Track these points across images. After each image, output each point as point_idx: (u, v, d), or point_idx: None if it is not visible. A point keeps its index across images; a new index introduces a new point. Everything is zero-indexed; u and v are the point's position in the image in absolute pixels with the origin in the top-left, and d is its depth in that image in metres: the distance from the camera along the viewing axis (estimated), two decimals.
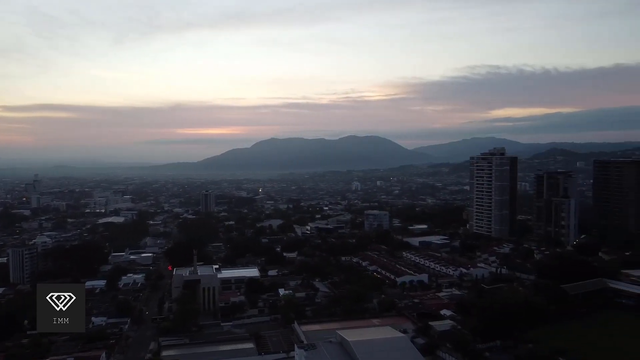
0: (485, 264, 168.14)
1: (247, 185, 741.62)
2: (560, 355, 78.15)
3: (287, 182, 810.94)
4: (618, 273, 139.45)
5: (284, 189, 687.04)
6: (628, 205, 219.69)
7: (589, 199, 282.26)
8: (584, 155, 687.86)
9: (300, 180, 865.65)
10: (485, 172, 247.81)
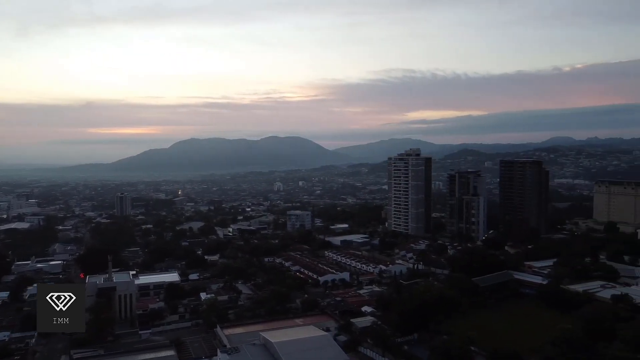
0: (403, 260, 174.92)
1: (166, 187, 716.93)
2: (471, 344, 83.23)
3: (208, 184, 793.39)
4: (521, 265, 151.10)
5: (205, 191, 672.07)
6: (530, 201, 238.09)
7: (496, 196, 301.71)
8: (491, 156, 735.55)
9: (222, 181, 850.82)
10: (402, 172, 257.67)
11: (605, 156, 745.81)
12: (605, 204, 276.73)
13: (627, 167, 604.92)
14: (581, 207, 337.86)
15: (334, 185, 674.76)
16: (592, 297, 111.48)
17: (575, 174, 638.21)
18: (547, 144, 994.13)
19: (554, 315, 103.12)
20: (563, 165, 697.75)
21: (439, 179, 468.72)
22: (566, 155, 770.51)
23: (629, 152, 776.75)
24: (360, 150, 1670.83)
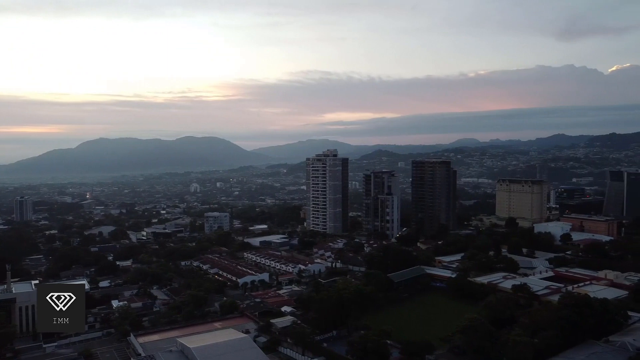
0: (322, 259, 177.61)
1: (73, 190, 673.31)
2: (387, 337, 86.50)
3: (119, 186, 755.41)
4: (432, 260, 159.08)
5: (116, 193, 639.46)
6: (439, 199, 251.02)
7: (409, 195, 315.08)
8: (404, 156, 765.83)
9: (134, 183, 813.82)
10: (320, 172, 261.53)
11: (506, 156, 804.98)
12: (506, 200, 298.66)
13: (524, 167, 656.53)
14: (485, 204, 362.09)
15: (253, 186, 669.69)
16: (495, 287, 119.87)
17: (479, 173, 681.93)
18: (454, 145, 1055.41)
19: (462, 305, 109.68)
20: (469, 165, 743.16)
21: (355, 179, 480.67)
22: (472, 156, 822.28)
23: (526, 153, 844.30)
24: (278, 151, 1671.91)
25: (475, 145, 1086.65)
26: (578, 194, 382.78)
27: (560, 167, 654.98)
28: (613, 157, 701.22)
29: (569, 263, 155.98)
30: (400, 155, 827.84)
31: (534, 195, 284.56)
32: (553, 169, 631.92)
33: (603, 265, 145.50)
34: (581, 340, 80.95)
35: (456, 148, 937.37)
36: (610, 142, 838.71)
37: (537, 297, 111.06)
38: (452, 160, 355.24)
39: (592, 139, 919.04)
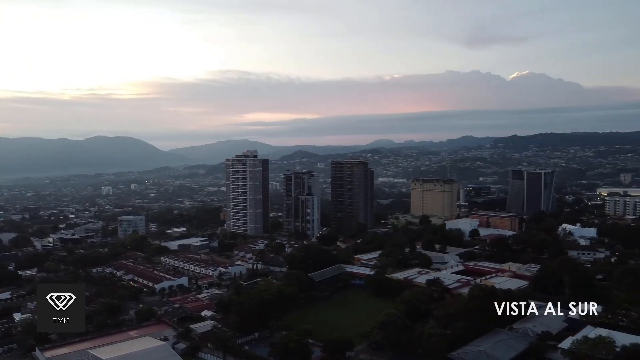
0: (243, 261, 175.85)
1: None
2: (308, 337, 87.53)
3: (21, 189, 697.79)
4: (352, 258, 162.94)
5: (18, 197, 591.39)
6: (357, 199, 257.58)
7: (328, 195, 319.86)
8: (324, 157, 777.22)
9: (39, 185, 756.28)
10: (240, 173, 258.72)
11: (419, 157, 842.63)
12: (419, 199, 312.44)
13: (436, 167, 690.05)
14: (401, 203, 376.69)
15: (170, 188, 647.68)
16: (411, 283, 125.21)
17: (395, 173, 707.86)
18: (371, 146, 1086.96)
19: (381, 301, 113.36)
20: (385, 166, 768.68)
21: (276, 180, 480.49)
22: (388, 157, 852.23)
23: (438, 154, 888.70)
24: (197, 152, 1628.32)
25: (391, 146, 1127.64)
26: (484, 192, 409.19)
27: (468, 167, 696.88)
28: (515, 157, 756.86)
29: (477, 257, 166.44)
30: (320, 156, 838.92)
31: (445, 194, 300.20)
32: (462, 168, 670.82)
33: (507, 258, 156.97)
34: (489, 329, 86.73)
35: (373, 149, 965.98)
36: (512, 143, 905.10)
37: (449, 290, 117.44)
38: (370, 161, 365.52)
39: (496, 140, 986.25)
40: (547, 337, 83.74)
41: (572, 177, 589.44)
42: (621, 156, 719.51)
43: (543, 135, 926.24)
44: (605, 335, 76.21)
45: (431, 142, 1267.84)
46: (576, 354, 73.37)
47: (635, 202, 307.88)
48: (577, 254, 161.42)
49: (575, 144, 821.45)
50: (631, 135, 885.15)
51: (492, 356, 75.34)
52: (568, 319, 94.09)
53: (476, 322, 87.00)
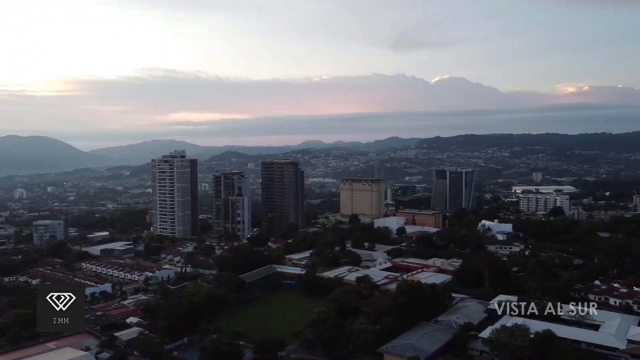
0: (171, 264, 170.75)
1: None
2: (240, 339, 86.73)
3: None
4: (283, 258, 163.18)
5: None
6: (288, 199, 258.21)
7: (259, 195, 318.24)
8: (254, 157, 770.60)
9: None
10: (167, 174, 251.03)
11: (349, 157, 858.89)
12: (349, 198, 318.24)
13: (364, 167, 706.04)
14: (331, 203, 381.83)
15: (91, 190, 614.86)
16: (341, 280, 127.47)
17: (325, 174, 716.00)
18: (302, 147, 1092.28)
19: (312, 300, 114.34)
20: (315, 166, 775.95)
21: (205, 181, 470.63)
22: (318, 157, 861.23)
23: (366, 154, 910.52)
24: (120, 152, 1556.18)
25: (321, 147, 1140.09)
26: (410, 191, 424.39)
27: (395, 167, 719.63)
28: (438, 157, 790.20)
29: (403, 254, 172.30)
30: (250, 157, 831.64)
31: (373, 193, 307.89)
32: (389, 168, 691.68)
33: (431, 254, 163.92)
34: (415, 323, 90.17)
35: (303, 149, 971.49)
36: (435, 144, 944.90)
37: (377, 286, 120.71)
38: (300, 161, 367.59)
39: (421, 141, 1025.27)
40: (469, 328, 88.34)
41: (490, 176, 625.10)
42: (533, 156, 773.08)
43: (464, 137, 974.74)
44: (521, 323, 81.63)
45: (359, 143, 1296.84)
46: (495, 342, 77.99)
47: (546, 199, 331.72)
48: (495, 249, 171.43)
49: (492, 144, 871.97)
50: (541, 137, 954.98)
51: (418, 349, 78.35)
52: (488, 310, 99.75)
53: (403, 316, 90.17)
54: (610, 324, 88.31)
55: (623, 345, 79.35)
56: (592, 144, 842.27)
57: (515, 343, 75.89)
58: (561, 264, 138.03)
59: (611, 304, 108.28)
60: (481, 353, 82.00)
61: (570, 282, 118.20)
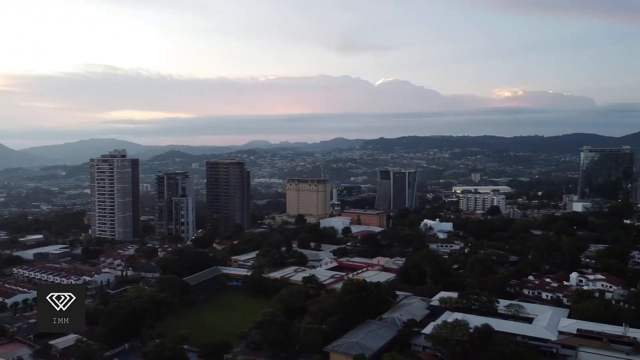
0: (111, 268, 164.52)
1: None
2: (184, 343, 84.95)
3: None
4: (228, 259, 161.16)
5: None
6: (234, 200, 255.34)
7: (204, 196, 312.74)
8: (198, 157, 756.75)
9: None
10: (107, 174, 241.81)
11: (295, 158, 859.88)
12: (295, 199, 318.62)
13: (310, 167, 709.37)
14: (277, 203, 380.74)
15: (24, 191, 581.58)
16: (287, 281, 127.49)
17: (271, 174, 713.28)
18: (247, 147, 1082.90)
19: (259, 301, 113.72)
20: (261, 166, 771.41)
21: (147, 181, 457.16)
22: (264, 157, 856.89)
23: (312, 155, 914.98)
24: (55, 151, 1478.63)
25: (267, 147, 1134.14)
26: (355, 191, 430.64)
27: (340, 167, 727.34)
28: (382, 158, 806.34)
29: (349, 253, 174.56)
30: (195, 156, 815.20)
31: (319, 194, 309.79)
32: (335, 169, 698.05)
33: (376, 253, 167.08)
34: (361, 321, 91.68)
35: (249, 149, 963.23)
36: (380, 145, 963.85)
37: (324, 286, 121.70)
38: (246, 162, 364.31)
39: (365, 142, 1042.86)
40: (413, 325, 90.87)
41: (431, 176, 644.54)
42: (472, 157, 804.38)
43: (407, 138, 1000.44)
44: (461, 318, 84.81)
45: (305, 144, 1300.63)
46: (437, 337, 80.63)
47: (484, 199, 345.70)
48: (436, 247, 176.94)
49: (434, 146, 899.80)
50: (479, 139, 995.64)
51: (364, 346, 79.73)
52: (430, 306, 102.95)
53: (349, 315, 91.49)
54: (542, 317, 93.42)
55: (554, 336, 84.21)
56: (525, 146, 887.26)
57: (456, 338, 78.81)
58: (498, 261, 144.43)
59: (543, 298, 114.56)
60: (424, 349, 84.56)
61: (506, 277, 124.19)
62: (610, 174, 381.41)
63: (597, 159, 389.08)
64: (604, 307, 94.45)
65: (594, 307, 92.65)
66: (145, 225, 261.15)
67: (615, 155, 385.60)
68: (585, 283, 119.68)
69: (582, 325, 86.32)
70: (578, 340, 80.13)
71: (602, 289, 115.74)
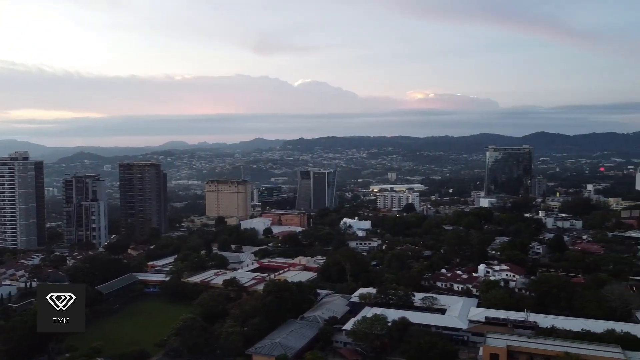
0: (13, 280, 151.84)
1: None
2: (97, 355, 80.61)
3: None
4: (145, 265, 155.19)
5: None
6: (150, 203, 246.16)
7: (117, 200, 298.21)
8: (110, 159, 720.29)
9: None
10: (6, 178, 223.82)
11: (214, 159, 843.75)
12: (215, 201, 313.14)
13: (230, 168, 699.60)
14: (196, 205, 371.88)
15: None
16: (208, 285, 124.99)
17: (189, 176, 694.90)
18: (164, 148, 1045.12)
19: (178, 307, 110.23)
20: (179, 168, 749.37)
21: (54, 185, 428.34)
22: (181, 158, 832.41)
23: (232, 155, 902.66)
24: None
25: (185, 148, 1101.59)
26: (276, 192, 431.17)
27: (261, 168, 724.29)
28: (302, 158, 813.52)
29: (270, 254, 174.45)
30: (106, 158, 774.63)
31: (240, 195, 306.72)
32: (255, 169, 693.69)
33: (297, 252, 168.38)
34: (283, 321, 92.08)
35: (165, 150, 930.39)
36: (300, 145, 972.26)
37: (245, 288, 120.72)
38: (162, 163, 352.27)
39: (286, 142, 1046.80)
40: (334, 322, 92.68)
41: (350, 176, 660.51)
42: (388, 157, 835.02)
43: (326, 139, 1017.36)
44: (379, 313, 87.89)
45: (225, 144, 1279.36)
46: (357, 333, 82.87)
47: (400, 197, 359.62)
48: (356, 244, 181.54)
49: (352, 146, 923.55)
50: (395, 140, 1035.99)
51: (286, 346, 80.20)
52: (350, 303, 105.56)
53: (271, 315, 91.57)
54: (454, 307, 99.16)
55: (465, 325, 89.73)
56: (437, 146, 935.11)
57: (375, 332, 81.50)
58: (413, 256, 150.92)
59: (455, 289, 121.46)
60: (345, 345, 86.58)
61: (421, 272, 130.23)
62: (512, 171, 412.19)
63: (501, 158, 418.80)
64: (508, 295, 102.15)
65: (499, 296, 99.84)
66: (52, 233, 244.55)
67: (516, 154, 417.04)
68: (492, 274, 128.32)
69: (490, 313, 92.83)
70: (486, 327, 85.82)
71: (506, 278, 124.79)
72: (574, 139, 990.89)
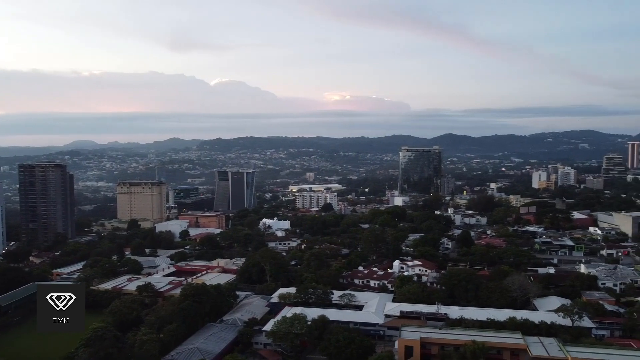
0: None
1: None
2: None
3: None
4: (49, 273, 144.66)
5: None
6: (55, 207, 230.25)
7: (16, 204, 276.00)
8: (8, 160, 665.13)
9: None
10: None
11: (126, 159, 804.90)
12: (127, 203, 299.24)
13: (144, 169, 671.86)
14: (107, 208, 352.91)
15: None
16: (120, 291, 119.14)
17: (99, 177, 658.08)
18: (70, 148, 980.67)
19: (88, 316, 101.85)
20: (87, 169, 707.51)
21: None
22: (89, 159, 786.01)
23: (145, 156, 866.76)
24: None
25: (94, 148, 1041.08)
26: (193, 193, 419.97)
27: (177, 169, 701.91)
28: (220, 159, 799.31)
29: (188, 257, 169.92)
30: (4, 159, 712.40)
31: (154, 197, 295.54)
32: (170, 170, 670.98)
33: (216, 255, 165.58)
34: (201, 325, 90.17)
35: (72, 150, 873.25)
36: (217, 145, 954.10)
37: (161, 293, 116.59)
38: (68, 164, 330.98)
39: (203, 143, 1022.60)
40: (254, 323, 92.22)
41: (269, 176, 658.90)
42: (306, 157, 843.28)
43: (244, 139, 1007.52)
44: (299, 312, 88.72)
45: (138, 144, 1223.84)
46: (277, 333, 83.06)
47: (318, 196, 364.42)
48: (275, 245, 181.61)
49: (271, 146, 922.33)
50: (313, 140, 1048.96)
51: (204, 351, 78.66)
52: (270, 304, 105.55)
53: (189, 320, 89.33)
54: (371, 303, 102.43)
55: (381, 320, 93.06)
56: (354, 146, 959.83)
57: (295, 331, 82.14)
58: (332, 255, 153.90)
59: (372, 286, 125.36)
60: (265, 346, 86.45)
61: (339, 270, 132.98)
62: (424, 171, 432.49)
63: (413, 158, 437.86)
64: (421, 289, 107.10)
65: (413, 290, 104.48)
66: None
67: (427, 155, 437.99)
68: (406, 269, 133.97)
69: (404, 307, 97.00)
70: (401, 321, 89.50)
71: (419, 273, 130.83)
72: (479, 140, 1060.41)
